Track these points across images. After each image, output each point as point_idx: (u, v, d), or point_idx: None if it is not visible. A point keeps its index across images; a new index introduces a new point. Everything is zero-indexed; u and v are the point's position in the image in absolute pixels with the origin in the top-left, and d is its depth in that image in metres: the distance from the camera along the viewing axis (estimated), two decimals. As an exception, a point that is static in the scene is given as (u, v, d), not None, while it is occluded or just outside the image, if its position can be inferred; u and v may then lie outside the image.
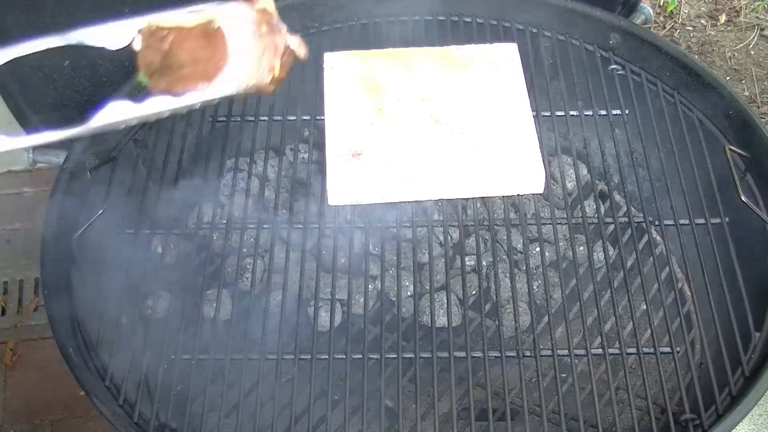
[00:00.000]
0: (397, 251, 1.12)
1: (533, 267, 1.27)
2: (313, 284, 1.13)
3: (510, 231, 1.16)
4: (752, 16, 2.45)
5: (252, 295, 1.11)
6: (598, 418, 0.97)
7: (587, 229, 1.15)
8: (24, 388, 1.66)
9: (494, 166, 1.11)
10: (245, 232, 1.17)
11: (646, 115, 1.25)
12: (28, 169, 1.91)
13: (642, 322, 1.12)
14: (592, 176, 1.22)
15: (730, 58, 2.34)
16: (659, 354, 1.03)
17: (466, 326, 1.05)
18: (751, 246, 1.14)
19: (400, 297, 1.10)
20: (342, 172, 1.10)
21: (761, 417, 1.34)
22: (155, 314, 1.12)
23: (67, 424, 1.61)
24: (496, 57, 1.24)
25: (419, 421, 0.98)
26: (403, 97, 1.17)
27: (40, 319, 1.75)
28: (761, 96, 2.24)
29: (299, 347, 1.03)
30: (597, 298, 1.08)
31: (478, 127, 1.14)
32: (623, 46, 1.32)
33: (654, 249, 1.14)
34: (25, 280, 1.83)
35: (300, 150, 1.41)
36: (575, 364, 1.02)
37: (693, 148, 1.21)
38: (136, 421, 0.98)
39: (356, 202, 1.12)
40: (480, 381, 1.05)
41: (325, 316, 1.14)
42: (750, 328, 1.06)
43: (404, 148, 1.12)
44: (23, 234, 1.89)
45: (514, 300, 1.07)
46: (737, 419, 0.96)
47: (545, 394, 1.00)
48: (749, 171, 1.19)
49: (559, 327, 1.11)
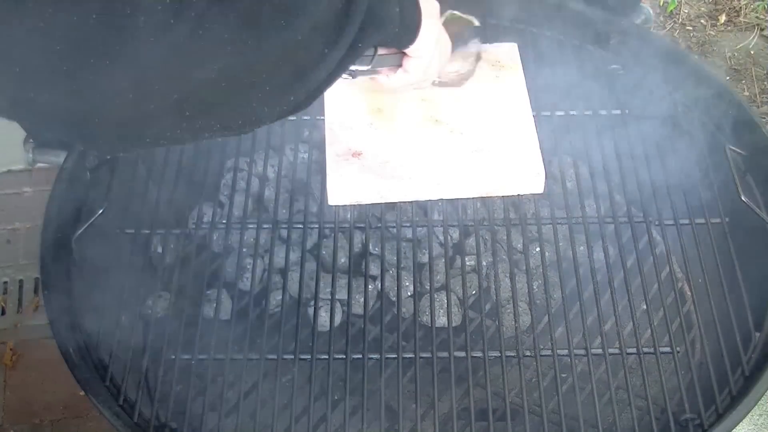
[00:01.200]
0: (397, 251, 1.12)
1: (533, 267, 1.27)
2: (313, 284, 1.13)
3: (510, 231, 1.16)
4: (752, 16, 2.45)
5: (252, 295, 1.11)
6: (598, 418, 0.97)
7: (587, 229, 1.15)
8: (24, 388, 1.66)
9: (494, 166, 1.11)
10: (245, 232, 1.17)
11: (646, 115, 1.25)
12: (27, 168, 1.91)
13: (642, 322, 1.12)
14: (592, 176, 1.22)
15: (730, 58, 2.34)
16: (659, 354, 1.03)
17: (466, 326, 1.05)
18: (751, 246, 1.14)
19: (400, 297, 1.10)
20: (342, 172, 1.10)
21: (761, 417, 1.34)
22: (155, 314, 1.12)
23: (67, 424, 1.61)
24: (496, 57, 1.24)
25: (419, 421, 0.98)
26: (402, 97, 1.17)
27: (40, 319, 1.74)
28: (761, 96, 2.24)
29: (299, 347, 1.03)
30: (597, 298, 1.08)
31: (478, 127, 1.14)
32: (623, 45, 1.32)
33: (654, 249, 1.14)
34: (25, 280, 1.83)
35: (300, 150, 1.41)
36: (575, 364, 1.02)
37: (693, 148, 1.21)
38: (136, 421, 0.98)
39: (356, 202, 1.12)
40: (480, 381, 1.05)
41: (325, 316, 1.14)
42: (750, 328, 1.06)
43: (404, 148, 1.12)
44: (23, 234, 1.89)
45: (514, 300, 1.07)
46: (737, 419, 0.96)
47: (545, 394, 1.00)
48: (749, 171, 1.19)
49: (559, 327, 1.11)
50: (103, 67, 0.49)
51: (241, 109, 0.62)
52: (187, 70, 0.54)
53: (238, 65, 0.57)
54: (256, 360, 1.04)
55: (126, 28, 0.48)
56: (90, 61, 0.48)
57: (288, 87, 0.63)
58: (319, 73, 0.65)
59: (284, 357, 1.03)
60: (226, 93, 0.59)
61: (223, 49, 0.54)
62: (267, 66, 0.60)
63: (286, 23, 0.58)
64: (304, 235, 1.19)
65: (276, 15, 0.57)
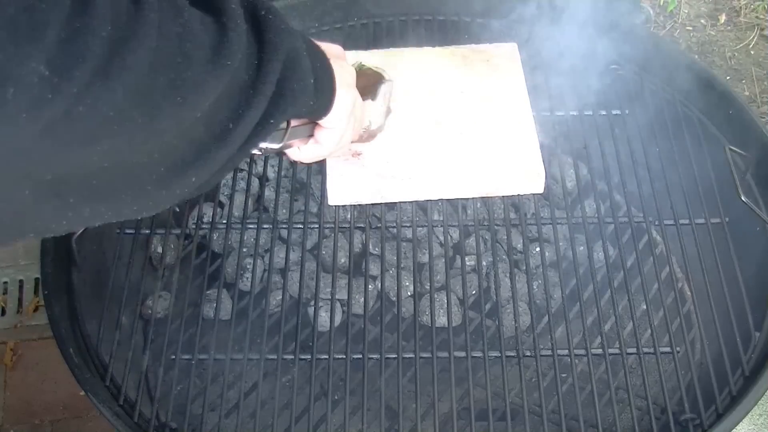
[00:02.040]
0: (397, 251, 1.12)
1: (533, 267, 1.27)
2: (313, 284, 1.13)
3: (510, 231, 1.16)
4: (752, 16, 2.45)
5: (252, 295, 1.11)
6: (598, 418, 0.97)
7: (587, 229, 1.15)
8: (24, 388, 1.66)
9: (494, 166, 1.11)
10: (245, 232, 1.17)
11: (646, 115, 1.25)
12: (28, 169, 1.91)
13: (642, 322, 1.12)
14: (592, 176, 1.22)
15: (730, 58, 2.34)
16: (659, 354, 1.03)
17: (466, 326, 1.05)
18: (751, 246, 1.14)
19: (400, 297, 1.10)
20: (342, 172, 1.10)
21: (761, 417, 1.34)
22: (155, 314, 1.12)
23: (67, 424, 1.61)
24: (496, 57, 1.24)
25: (419, 421, 0.98)
26: (402, 98, 1.17)
27: (40, 319, 1.74)
28: (761, 96, 2.24)
29: (299, 347, 1.03)
30: (597, 298, 1.08)
31: (478, 127, 1.14)
32: (623, 45, 1.32)
33: (654, 249, 1.14)
34: (25, 280, 1.83)
35: (300, 150, 1.41)
36: (575, 364, 1.02)
37: (693, 148, 1.21)
38: (136, 421, 0.98)
39: (356, 202, 1.12)
40: (480, 381, 1.05)
41: (325, 316, 1.14)
42: (750, 328, 1.06)
43: (404, 148, 1.12)
44: (23, 234, 1.89)
45: (514, 300, 1.07)
46: (737, 419, 0.96)
47: (545, 394, 1.00)
48: (749, 171, 1.19)
49: (559, 327, 1.11)
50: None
51: (133, 194, 0.55)
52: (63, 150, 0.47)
53: (126, 145, 0.50)
54: (256, 360, 1.04)
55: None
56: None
57: (188, 167, 0.57)
58: (224, 150, 0.59)
59: (284, 357, 1.03)
60: (113, 176, 0.52)
61: (108, 128, 0.48)
62: (161, 145, 0.54)
63: (182, 99, 0.52)
64: (304, 235, 1.19)
65: (171, 90, 0.51)
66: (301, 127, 0.84)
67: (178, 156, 0.56)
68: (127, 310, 1.08)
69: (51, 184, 0.49)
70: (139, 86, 0.48)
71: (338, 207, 1.14)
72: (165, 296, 1.18)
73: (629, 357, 1.03)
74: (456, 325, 1.18)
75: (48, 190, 0.49)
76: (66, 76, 0.43)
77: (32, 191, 0.48)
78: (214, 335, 1.07)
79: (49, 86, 0.42)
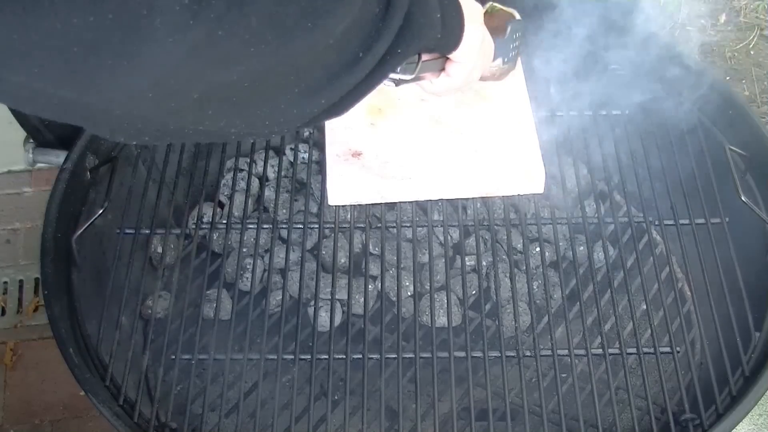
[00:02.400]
0: (397, 251, 1.12)
1: (533, 267, 1.27)
2: (313, 284, 1.13)
3: (510, 231, 1.16)
4: (752, 16, 2.45)
5: (252, 295, 1.11)
6: (598, 418, 0.97)
7: (587, 229, 1.15)
8: (24, 388, 1.66)
9: (494, 166, 1.11)
10: (245, 232, 1.17)
11: (646, 115, 1.25)
12: (27, 169, 1.91)
13: (642, 322, 1.12)
14: (592, 176, 1.22)
15: (730, 58, 2.34)
16: (659, 354, 1.03)
17: (466, 326, 1.05)
18: (751, 246, 1.14)
19: (400, 297, 1.10)
20: (342, 172, 1.10)
21: (761, 417, 1.35)
22: (155, 314, 1.12)
23: (67, 424, 1.61)
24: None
25: (419, 421, 0.98)
26: (402, 97, 1.17)
27: (40, 319, 1.74)
28: (761, 96, 2.24)
29: (299, 347, 1.03)
30: (597, 298, 1.08)
31: (478, 127, 1.14)
32: (623, 45, 1.32)
33: (654, 249, 1.14)
34: (25, 280, 1.83)
35: (300, 150, 1.41)
36: (575, 364, 1.02)
37: (693, 148, 1.21)
38: (136, 421, 0.98)
39: (356, 202, 1.12)
40: (480, 381, 1.05)
41: (325, 316, 1.14)
42: (750, 328, 1.06)
43: (404, 148, 1.12)
44: (23, 234, 1.88)
45: (514, 300, 1.07)
46: (737, 419, 0.96)
47: (545, 394, 1.00)
48: (749, 171, 1.19)
49: (559, 327, 1.11)
50: (121, 68, 0.48)
51: (268, 111, 0.60)
52: (207, 71, 0.53)
53: (262, 67, 0.56)
54: (256, 360, 1.04)
55: (142, 29, 0.47)
56: (107, 62, 0.48)
57: (321, 89, 0.62)
58: (353, 76, 0.63)
59: (284, 357, 1.03)
60: (251, 94, 0.57)
61: (245, 51, 0.53)
62: (293, 68, 0.58)
63: (313, 25, 0.56)
64: (304, 235, 1.19)
65: (302, 17, 0.56)
66: (432, 61, 0.87)
67: (310, 79, 0.60)
68: (127, 310, 1.08)
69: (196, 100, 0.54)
70: (272, 13, 0.53)
71: (338, 207, 1.14)
72: (165, 296, 1.18)
73: (629, 357, 1.03)
74: (456, 325, 1.18)
75: (192, 104, 0.54)
76: (204, 4, 0.48)
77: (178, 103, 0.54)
78: (214, 335, 1.07)
79: (189, 13, 0.48)
